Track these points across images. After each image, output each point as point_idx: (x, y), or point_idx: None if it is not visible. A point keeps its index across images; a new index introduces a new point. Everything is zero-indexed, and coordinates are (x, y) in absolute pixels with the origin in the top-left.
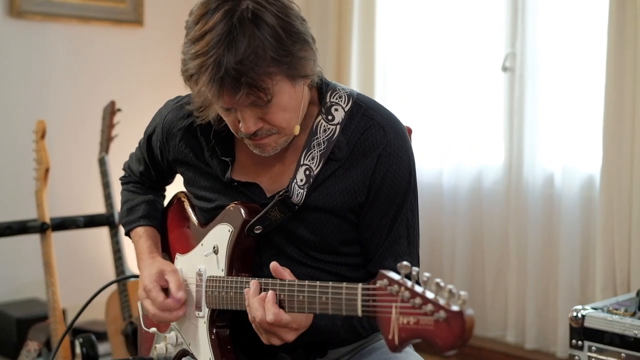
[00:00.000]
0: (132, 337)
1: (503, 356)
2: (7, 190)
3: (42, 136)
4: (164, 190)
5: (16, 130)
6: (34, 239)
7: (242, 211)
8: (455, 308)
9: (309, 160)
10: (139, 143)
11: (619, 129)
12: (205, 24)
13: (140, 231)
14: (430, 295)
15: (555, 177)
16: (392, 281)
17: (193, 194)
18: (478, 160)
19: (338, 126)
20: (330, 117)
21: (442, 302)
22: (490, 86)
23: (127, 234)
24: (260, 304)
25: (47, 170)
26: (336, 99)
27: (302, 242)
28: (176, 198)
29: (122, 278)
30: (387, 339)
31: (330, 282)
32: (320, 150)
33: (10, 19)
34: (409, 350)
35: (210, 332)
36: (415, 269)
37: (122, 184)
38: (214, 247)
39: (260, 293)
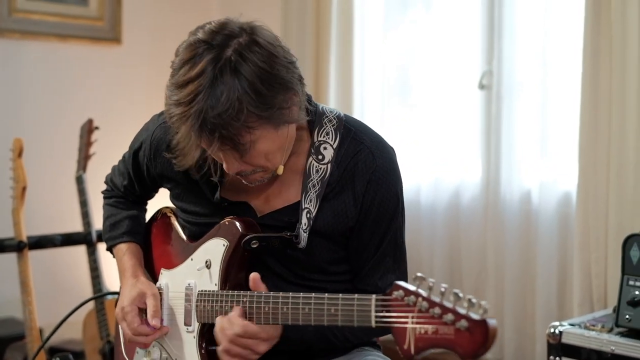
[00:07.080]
0: (110, 356)
1: None
2: None
3: (20, 154)
4: (146, 204)
5: None
6: (11, 257)
7: (238, 225)
8: (476, 317)
9: (308, 203)
10: (123, 157)
11: (595, 146)
12: (189, 70)
13: (123, 248)
14: (449, 304)
15: (532, 194)
16: (408, 292)
17: (181, 208)
18: (456, 176)
19: (329, 165)
20: (320, 157)
21: (462, 311)
22: (467, 104)
23: (110, 249)
24: (227, 320)
25: (24, 189)
26: (323, 136)
27: (292, 261)
28: (161, 213)
29: (99, 295)
30: (403, 348)
31: (340, 294)
32: (315, 192)
33: None
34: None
35: (200, 347)
36: (431, 280)
37: (105, 198)
38: (207, 262)
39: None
